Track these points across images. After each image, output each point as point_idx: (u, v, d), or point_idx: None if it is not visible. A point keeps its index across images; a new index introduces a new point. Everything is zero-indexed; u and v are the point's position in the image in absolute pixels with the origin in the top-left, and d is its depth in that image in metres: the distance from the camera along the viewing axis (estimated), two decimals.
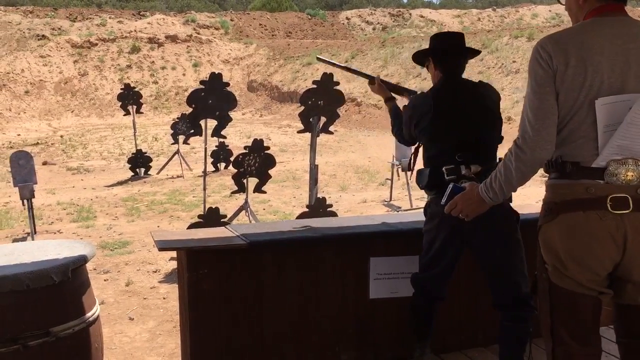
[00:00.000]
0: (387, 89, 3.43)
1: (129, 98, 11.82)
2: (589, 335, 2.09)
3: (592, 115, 1.97)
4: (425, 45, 3.26)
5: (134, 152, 12.17)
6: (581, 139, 1.99)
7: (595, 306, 2.07)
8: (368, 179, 11.07)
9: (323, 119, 5.71)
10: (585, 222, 1.97)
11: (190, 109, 5.99)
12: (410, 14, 42.62)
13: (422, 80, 20.89)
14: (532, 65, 2.04)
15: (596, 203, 1.95)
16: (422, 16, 42.16)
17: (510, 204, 2.81)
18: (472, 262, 2.89)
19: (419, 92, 3.12)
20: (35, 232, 7.01)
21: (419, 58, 3.04)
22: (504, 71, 18.82)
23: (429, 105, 2.82)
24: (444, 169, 2.75)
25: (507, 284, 2.75)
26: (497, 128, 2.86)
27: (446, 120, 2.79)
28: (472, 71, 19.77)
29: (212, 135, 6.29)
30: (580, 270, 2.01)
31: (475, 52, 3.04)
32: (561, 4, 2.21)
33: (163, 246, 2.97)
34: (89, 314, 2.75)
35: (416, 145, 3.11)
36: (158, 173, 11.99)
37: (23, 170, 6.78)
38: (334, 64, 4.13)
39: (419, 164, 3.04)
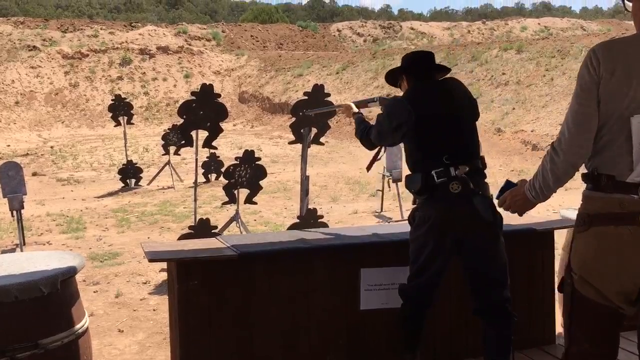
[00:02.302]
0: (353, 106, 3.56)
1: (120, 109, 11.80)
2: (604, 339, 2.09)
3: (629, 130, 1.94)
4: None
5: (125, 163, 12.12)
6: (617, 152, 1.97)
7: (615, 316, 2.05)
8: (359, 190, 11.09)
9: (314, 130, 5.72)
10: (616, 237, 1.95)
11: (181, 120, 5.99)
12: (400, 26, 42.90)
13: None
14: (581, 69, 2.02)
15: (628, 218, 1.93)
16: (412, 28, 42.45)
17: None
18: (462, 269, 2.90)
19: (382, 97, 3.18)
20: (24, 244, 6.95)
21: (392, 79, 3.11)
22: (494, 83, 18.96)
23: (407, 111, 2.80)
24: (433, 172, 2.75)
25: (488, 291, 2.77)
26: (475, 126, 2.91)
27: (428, 123, 2.80)
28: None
29: (203, 146, 6.28)
30: (606, 284, 1.99)
31: (445, 70, 3.08)
32: (627, 10, 2.13)
33: (153, 257, 2.96)
34: (78, 326, 2.73)
35: (377, 149, 3.19)
36: (149, 184, 11.95)
37: (12, 181, 6.74)
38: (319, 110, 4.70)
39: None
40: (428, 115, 2.81)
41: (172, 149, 11.88)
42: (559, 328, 3.86)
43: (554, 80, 17.80)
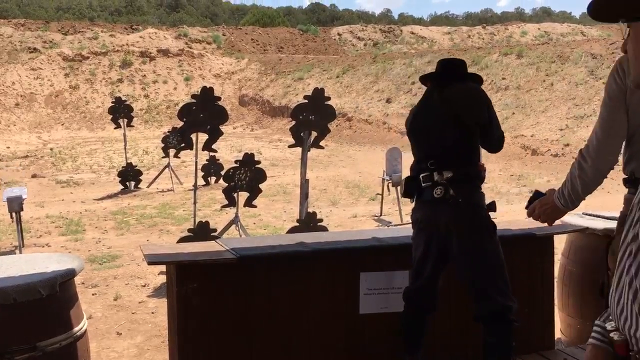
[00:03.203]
0: None
1: (120, 111, 11.80)
2: None
3: None
4: (416, 61, 3.35)
5: (124, 165, 12.12)
6: None
7: None
8: (359, 194, 11.08)
9: (314, 134, 5.72)
10: None
11: (181, 123, 5.99)
12: (401, 31, 42.97)
13: (412, 96, 21.01)
14: (608, 79, 2.05)
15: None
16: (412, 33, 42.51)
17: (492, 213, 2.82)
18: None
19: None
20: (23, 246, 6.94)
21: (425, 81, 3.17)
22: (494, 88, 18.98)
23: (408, 120, 3.03)
24: (420, 176, 2.83)
25: (483, 297, 2.75)
26: (467, 131, 2.81)
27: (416, 130, 2.95)
28: None
29: (203, 149, 6.28)
30: None
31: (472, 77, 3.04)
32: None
33: (152, 260, 2.95)
34: (76, 329, 2.72)
35: None
36: (148, 186, 11.94)
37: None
38: None
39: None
40: (417, 123, 2.94)
41: (172, 151, 11.88)
42: (558, 334, 3.85)
43: (553, 85, 17.82)
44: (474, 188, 2.81)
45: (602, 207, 3.82)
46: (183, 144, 6.19)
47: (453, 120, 2.80)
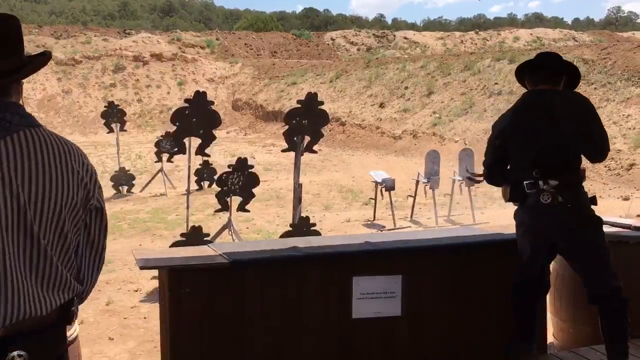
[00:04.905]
0: None
1: (113, 116, 11.77)
2: None
3: None
4: (409, 66, 3.40)
5: (117, 170, 12.08)
6: None
7: None
8: (352, 198, 11.09)
9: (307, 138, 5.72)
10: None
11: (175, 127, 5.98)
12: (394, 36, 43.11)
13: (405, 101, 21.07)
14: None
15: None
16: (405, 38, 42.66)
17: (593, 206, 3.06)
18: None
19: None
20: None
21: (520, 75, 3.24)
22: (487, 93, 19.05)
23: (507, 122, 3.11)
24: (524, 183, 3.01)
25: (598, 282, 2.99)
26: (572, 140, 2.98)
27: (521, 136, 3.04)
28: (455, 92, 20.01)
29: (196, 154, 6.27)
30: None
31: (569, 73, 3.16)
32: None
33: (144, 265, 2.94)
34: (67, 334, 2.70)
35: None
36: (141, 191, 11.90)
37: None
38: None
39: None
40: (523, 129, 3.04)
41: (165, 156, 11.83)
42: (551, 338, 3.86)
43: None
44: (579, 192, 3.04)
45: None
46: (176, 149, 6.18)
47: (558, 130, 2.96)
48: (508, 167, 3.20)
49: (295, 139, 5.62)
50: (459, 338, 3.38)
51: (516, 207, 3.20)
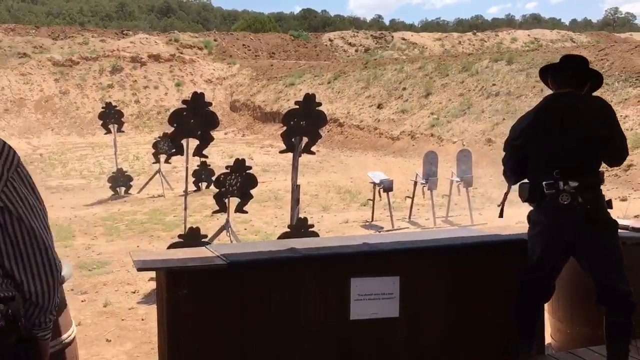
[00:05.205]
0: None
1: (110, 117, 11.76)
2: None
3: None
4: (407, 67, 3.39)
5: (115, 171, 12.07)
6: None
7: None
8: (350, 200, 11.08)
9: (305, 139, 5.72)
10: None
11: (172, 128, 5.97)
12: (392, 37, 43.15)
13: (403, 102, 21.08)
14: None
15: None
16: (404, 39, 42.70)
17: (610, 210, 3.07)
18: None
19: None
20: None
21: (544, 76, 3.26)
22: (484, 94, 19.07)
23: (529, 122, 3.13)
24: (543, 183, 3.02)
25: (610, 285, 3.00)
26: (592, 144, 3.01)
27: (542, 137, 3.06)
28: (453, 93, 20.02)
29: (194, 155, 6.27)
30: None
31: (594, 75, 3.19)
32: None
33: (142, 266, 2.93)
34: (64, 336, 2.70)
35: (507, 191, 3.42)
36: (139, 192, 11.89)
37: None
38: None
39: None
40: (544, 130, 3.06)
41: (162, 157, 11.84)
42: (548, 339, 3.86)
43: (543, 91, 17.90)
44: (598, 194, 3.06)
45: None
46: (174, 150, 6.17)
47: (580, 132, 2.99)
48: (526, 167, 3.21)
49: (293, 140, 5.62)
50: (457, 339, 3.38)
51: (531, 207, 3.21)
